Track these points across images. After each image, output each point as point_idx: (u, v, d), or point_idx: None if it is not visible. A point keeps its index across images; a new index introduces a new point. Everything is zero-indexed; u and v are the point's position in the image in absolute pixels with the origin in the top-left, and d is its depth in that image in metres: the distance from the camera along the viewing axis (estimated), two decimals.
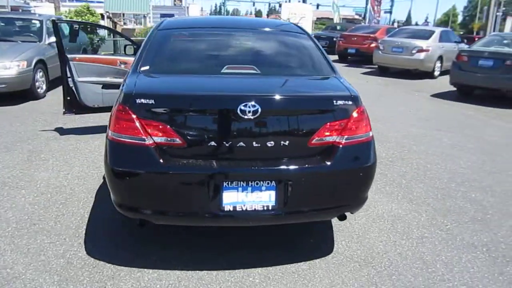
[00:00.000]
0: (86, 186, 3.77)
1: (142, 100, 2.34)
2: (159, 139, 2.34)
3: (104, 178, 3.72)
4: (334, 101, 2.47)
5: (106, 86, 5.15)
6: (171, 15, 36.57)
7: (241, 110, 2.31)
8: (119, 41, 10.78)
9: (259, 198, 2.37)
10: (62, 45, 4.87)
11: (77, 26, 5.44)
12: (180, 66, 2.95)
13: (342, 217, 2.66)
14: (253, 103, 2.32)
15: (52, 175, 3.99)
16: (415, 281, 2.58)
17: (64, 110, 5.12)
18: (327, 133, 2.45)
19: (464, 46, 14.26)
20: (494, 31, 22.31)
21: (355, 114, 2.50)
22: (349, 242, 2.99)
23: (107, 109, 5.08)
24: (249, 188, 2.35)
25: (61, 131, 5.47)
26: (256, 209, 2.37)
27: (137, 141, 2.34)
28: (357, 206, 2.60)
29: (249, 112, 2.31)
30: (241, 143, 2.36)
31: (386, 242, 3.01)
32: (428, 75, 11.76)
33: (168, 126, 2.33)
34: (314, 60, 3.08)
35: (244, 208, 2.36)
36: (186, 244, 2.83)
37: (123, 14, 31.76)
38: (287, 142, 2.41)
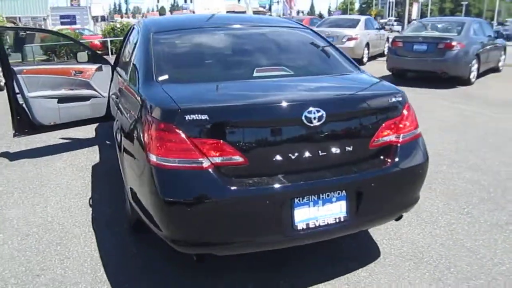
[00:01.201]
0: (76, 218, 3.23)
1: (193, 116, 1.99)
2: (217, 159, 2.02)
3: (90, 204, 3.28)
4: (389, 99, 2.35)
5: (62, 100, 4.52)
6: (72, 16, 33.98)
7: (306, 117, 2.08)
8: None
9: (330, 211, 2.17)
10: (6, 56, 4.13)
11: (24, 33, 4.65)
12: (204, 73, 2.62)
13: (399, 218, 2.56)
14: (318, 108, 2.10)
15: (27, 211, 3.36)
16: (471, 269, 2.58)
17: (14, 132, 4.37)
18: (385, 133, 2.33)
19: (384, 32, 15.20)
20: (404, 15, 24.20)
21: (405, 111, 2.41)
22: (389, 239, 2.91)
23: (65, 126, 4.49)
24: (320, 202, 2.14)
25: (9, 156, 4.68)
26: (329, 222, 2.17)
27: (192, 165, 1.99)
28: (413, 205, 2.51)
29: (314, 118, 2.09)
30: (308, 154, 2.14)
31: (422, 234, 2.99)
32: (358, 62, 12.30)
33: (227, 143, 2.02)
34: (333, 56, 2.94)
35: (317, 224, 2.14)
36: (231, 266, 2.53)
37: (19, 18, 28.73)
38: (351, 147, 2.23)
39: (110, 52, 15.71)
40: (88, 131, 5.54)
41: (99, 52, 14.92)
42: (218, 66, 2.74)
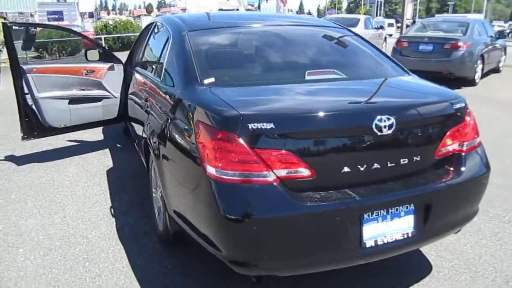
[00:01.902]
0: (99, 229, 3.01)
1: (257, 124, 1.80)
2: (283, 172, 1.84)
3: (112, 213, 3.07)
4: (454, 105, 2.20)
5: (73, 101, 4.28)
6: (60, 12, 33.23)
7: (376, 125, 1.91)
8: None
9: (398, 226, 2.00)
10: (15, 54, 3.87)
11: (34, 29, 4.39)
12: (251, 75, 2.44)
13: (458, 230, 2.41)
14: (388, 116, 1.93)
15: (45, 221, 3.13)
16: None
17: (22, 134, 4.11)
18: (450, 142, 2.18)
19: (383, 32, 15.16)
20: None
21: (467, 118, 2.26)
22: (437, 251, 2.76)
23: (76, 128, 4.26)
24: (388, 217, 1.98)
25: (16, 160, 4.42)
26: (397, 239, 2.00)
27: (257, 178, 1.81)
28: (473, 217, 2.37)
29: (384, 127, 1.92)
30: (376, 165, 1.97)
31: (470, 245, 2.85)
32: None
33: (293, 155, 1.84)
34: (378, 58, 2.78)
35: (385, 241, 1.98)
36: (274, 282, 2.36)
37: (6, 14, 27.98)
38: (419, 156, 2.08)
39: None
40: (94, 133, 5.29)
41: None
42: (265, 68, 2.55)
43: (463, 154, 2.21)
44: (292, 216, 1.81)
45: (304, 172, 1.86)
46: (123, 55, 5.06)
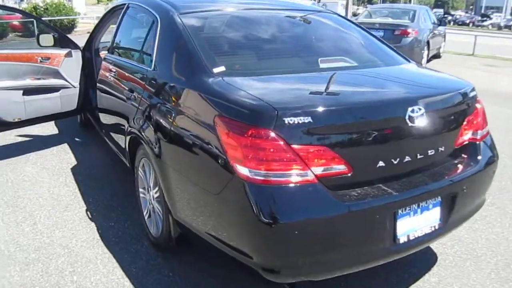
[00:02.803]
0: (79, 237, 2.68)
1: (295, 119, 1.64)
2: (320, 169, 1.69)
3: (90, 217, 2.75)
4: (469, 94, 2.17)
5: (28, 91, 3.79)
6: None
7: (409, 116, 1.83)
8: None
9: (427, 219, 1.95)
10: None
11: None
12: (264, 63, 2.27)
13: None
14: (419, 106, 1.85)
15: (12, 230, 2.74)
16: None
17: None
18: (466, 131, 2.16)
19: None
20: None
21: (478, 106, 2.26)
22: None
23: (32, 122, 3.82)
24: (419, 210, 1.91)
25: None
26: (426, 232, 1.95)
27: (296, 178, 1.64)
28: (482, 206, 2.38)
29: (416, 117, 1.84)
30: (408, 157, 1.89)
31: (465, 231, 2.85)
32: None
33: (330, 150, 1.70)
34: (376, 44, 2.70)
35: (416, 235, 1.91)
36: None
37: None
38: (443, 147, 2.03)
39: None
40: (46, 127, 4.78)
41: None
42: (273, 55, 2.37)
43: (477, 142, 2.20)
44: (335, 217, 1.67)
45: (341, 168, 1.73)
46: None
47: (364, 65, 2.35)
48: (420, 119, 1.86)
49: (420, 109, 1.85)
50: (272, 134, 1.63)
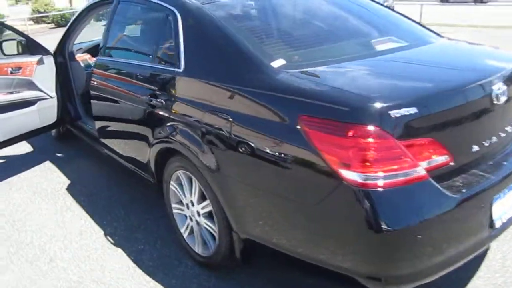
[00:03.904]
0: (111, 267, 2.37)
1: (400, 111, 1.47)
2: (427, 162, 1.55)
3: (113, 242, 2.41)
4: None
5: (1, 109, 3.30)
6: None
7: (496, 95, 1.73)
8: None
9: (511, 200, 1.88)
10: None
11: None
12: (320, 51, 2.05)
13: None
14: (502, 84, 1.76)
15: (28, 272, 2.35)
16: None
17: None
18: None
19: None
20: None
21: None
22: None
23: (9, 142, 3.38)
24: (507, 192, 1.83)
25: None
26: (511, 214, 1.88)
27: (411, 176, 1.48)
28: None
29: (501, 95, 1.75)
30: (494, 138, 1.79)
31: None
32: None
33: (435, 141, 1.56)
34: (406, 21, 2.58)
35: (507, 217, 1.83)
36: None
37: None
38: None
39: None
40: (16, 145, 4.22)
41: None
42: (323, 41, 2.16)
43: None
44: (448, 212, 1.54)
45: (445, 158, 1.59)
46: None
47: (414, 44, 2.21)
48: (503, 96, 1.77)
49: (503, 85, 1.76)
50: (379, 131, 1.46)
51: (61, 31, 3.82)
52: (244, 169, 1.81)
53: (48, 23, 20.19)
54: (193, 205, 2.24)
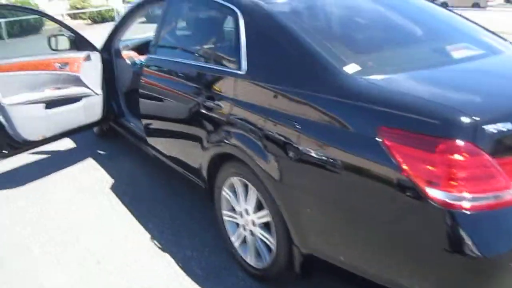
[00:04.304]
0: (163, 276, 2.30)
1: (496, 126, 1.33)
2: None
3: (160, 246, 2.31)
4: None
5: (49, 104, 3.29)
6: None
7: None
8: None
9: None
10: None
11: None
12: (394, 56, 1.91)
13: None
14: None
15: (79, 274, 2.31)
16: None
17: None
18: None
19: None
20: None
21: None
22: None
23: (55, 138, 3.35)
24: None
25: None
26: None
27: (504, 199, 1.33)
28: None
29: None
30: None
31: None
32: None
33: None
34: (471, 26, 2.39)
35: None
36: None
37: None
38: None
39: None
40: (58, 141, 4.24)
41: None
42: (395, 45, 2.02)
43: None
44: None
45: None
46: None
47: (490, 52, 2.04)
48: None
49: None
50: (472, 147, 1.31)
51: (97, 28, 3.81)
52: (312, 181, 1.69)
53: (84, 19, 20.64)
54: (248, 214, 2.14)
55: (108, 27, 3.66)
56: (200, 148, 2.34)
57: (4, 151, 3.13)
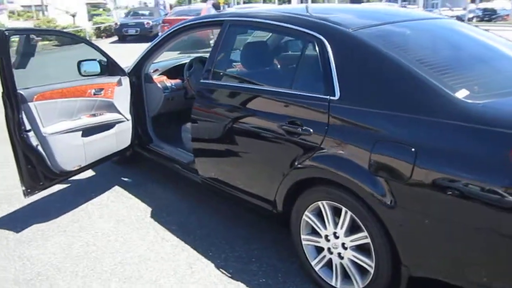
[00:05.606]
0: None
1: None
2: None
3: (229, 275, 2.25)
4: None
5: (85, 132, 3.16)
6: None
7: None
8: None
9: None
10: (12, 74, 2.65)
11: (34, 36, 3.01)
12: (490, 81, 2.00)
13: None
14: None
15: None
16: None
17: (25, 189, 2.88)
18: None
19: None
20: None
21: None
22: None
23: (88, 167, 3.25)
24: None
25: (14, 223, 3.09)
26: None
27: None
28: None
29: None
30: None
31: None
32: None
33: None
34: None
35: None
36: None
37: None
38: None
39: None
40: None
41: None
42: (485, 71, 2.13)
43: None
44: None
45: None
46: None
47: None
48: None
49: None
50: None
51: (67, 51, 3.62)
52: (433, 205, 1.72)
53: (51, 40, 19.87)
54: (336, 237, 2.14)
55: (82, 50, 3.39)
56: (277, 174, 2.32)
57: (41, 183, 2.95)
